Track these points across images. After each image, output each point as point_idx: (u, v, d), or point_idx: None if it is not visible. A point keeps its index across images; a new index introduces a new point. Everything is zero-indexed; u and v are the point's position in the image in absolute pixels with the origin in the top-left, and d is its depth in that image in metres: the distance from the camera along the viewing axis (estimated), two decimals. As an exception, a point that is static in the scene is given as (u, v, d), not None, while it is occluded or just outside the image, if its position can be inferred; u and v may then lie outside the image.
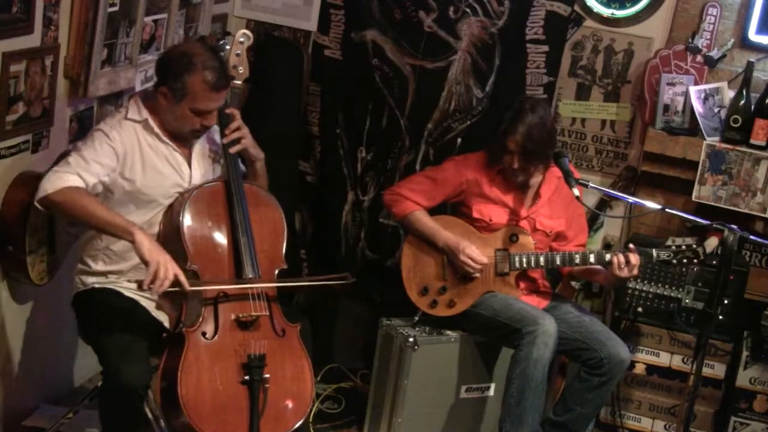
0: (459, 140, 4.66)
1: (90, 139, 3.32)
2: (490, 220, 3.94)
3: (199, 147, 3.50)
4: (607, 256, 3.77)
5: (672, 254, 3.77)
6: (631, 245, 3.79)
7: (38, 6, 3.37)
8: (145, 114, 3.38)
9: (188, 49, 3.34)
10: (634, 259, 3.73)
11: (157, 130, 3.38)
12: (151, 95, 3.42)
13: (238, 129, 3.47)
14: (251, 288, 3.30)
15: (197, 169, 3.47)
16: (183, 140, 3.45)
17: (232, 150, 3.45)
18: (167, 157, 3.41)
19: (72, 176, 3.20)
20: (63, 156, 3.37)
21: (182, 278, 3.13)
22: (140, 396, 3.17)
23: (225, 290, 3.26)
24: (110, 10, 3.65)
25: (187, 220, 3.30)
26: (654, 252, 3.78)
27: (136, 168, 3.35)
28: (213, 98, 3.31)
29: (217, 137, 3.56)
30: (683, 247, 3.75)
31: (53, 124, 3.62)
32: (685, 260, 3.76)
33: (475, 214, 3.95)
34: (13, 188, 3.42)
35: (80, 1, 3.55)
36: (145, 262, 3.10)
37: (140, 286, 3.12)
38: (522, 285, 3.98)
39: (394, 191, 4.03)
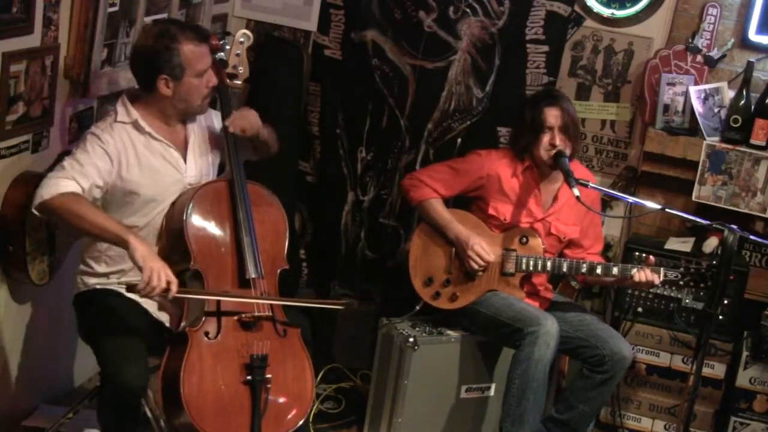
0: (459, 140, 4.66)
1: (83, 143, 3.30)
2: (505, 219, 3.93)
3: (194, 140, 3.48)
4: (633, 271, 3.78)
5: (680, 275, 3.79)
6: (651, 258, 3.81)
7: (38, 6, 3.37)
8: (135, 114, 3.35)
9: (158, 31, 3.33)
10: (657, 281, 3.77)
11: (148, 129, 3.36)
12: (137, 95, 3.40)
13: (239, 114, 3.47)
14: (244, 301, 3.27)
15: (192, 162, 3.45)
16: (178, 131, 3.44)
17: (232, 129, 3.42)
18: (163, 155, 3.40)
19: (68, 181, 3.19)
20: (59, 160, 3.35)
21: (173, 287, 3.09)
22: (138, 396, 3.17)
23: (210, 300, 3.24)
24: (110, 10, 3.65)
25: (190, 220, 3.29)
26: (661, 271, 3.79)
27: (132, 169, 3.33)
28: (205, 51, 3.36)
29: (216, 123, 3.56)
30: (692, 269, 3.77)
31: (53, 124, 3.62)
32: (692, 283, 3.78)
33: (491, 211, 3.94)
34: (13, 188, 3.43)
35: (80, 1, 3.55)
36: (139, 268, 3.08)
37: (130, 289, 3.11)
38: (525, 287, 3.97)
39: (414, 176, 4.02)
